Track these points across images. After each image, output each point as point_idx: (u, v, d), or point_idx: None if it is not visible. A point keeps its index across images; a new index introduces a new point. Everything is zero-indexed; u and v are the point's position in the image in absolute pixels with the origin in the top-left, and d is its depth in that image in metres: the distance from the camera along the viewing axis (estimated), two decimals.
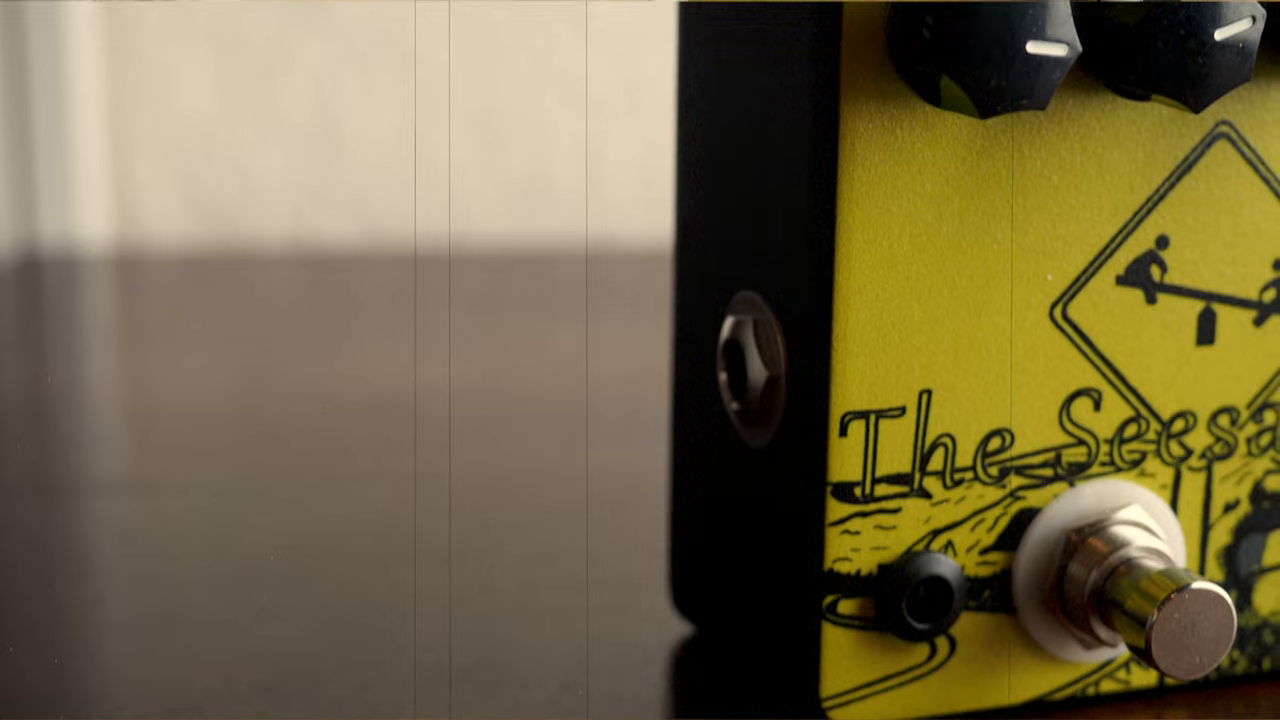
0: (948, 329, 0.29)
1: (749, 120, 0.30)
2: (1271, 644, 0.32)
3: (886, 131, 0.28)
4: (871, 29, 0.28)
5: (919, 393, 0.29)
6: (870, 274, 0.29)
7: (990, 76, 0.27)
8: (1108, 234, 0.30)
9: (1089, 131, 0.29)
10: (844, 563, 0.30)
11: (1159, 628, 0.29)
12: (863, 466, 0.29)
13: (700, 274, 0.32)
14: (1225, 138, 0.30)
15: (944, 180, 0.29)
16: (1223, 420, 0.31)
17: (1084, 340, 0.30)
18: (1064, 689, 0.31)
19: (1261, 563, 0.32)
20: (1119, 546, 0.30)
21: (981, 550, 0.30)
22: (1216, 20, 0.27)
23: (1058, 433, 0.30)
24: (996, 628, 0.31)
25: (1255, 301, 0.31)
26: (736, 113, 0.31)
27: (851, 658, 0.30)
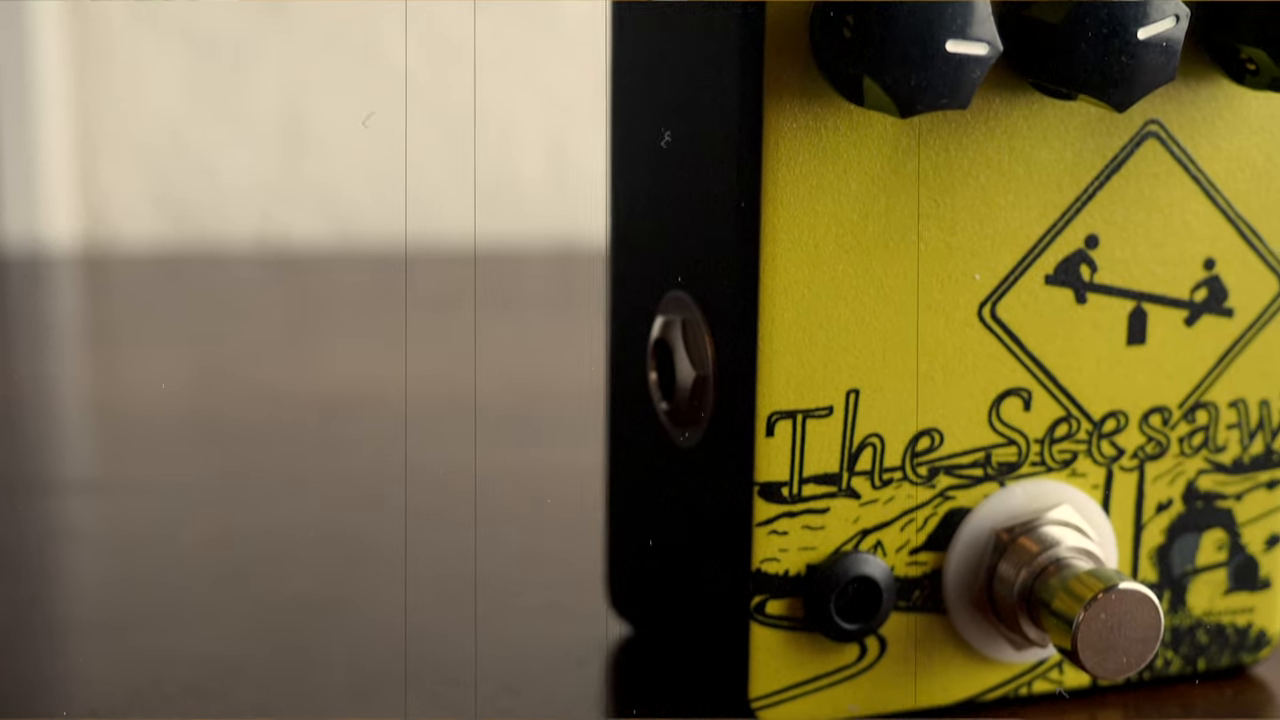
0: (875, 329, 0.29)
1: (677, 119, 0.30)
2: (1206, 644, 0.32)
3: (811, 131, 0.28)
4: (795, 28, 0.28)
5: (846, 392, 0.29)
6: (796, 274, 0.29)
7: (910, 76, 0.26)
8: (1036, 233, 0.30)
9: (1016, 130, 0.29)
10: (772, 563, 0.29)
11: (1085, 628, 0.29)
12: (790, 466, 0.29)
13: (633, 273, 0.32)
14: (1155, 137, 0.30)
15: (870, 179, 0.29)
16: (1154, 420, 0.31)
17: (1013, 340, 0.30)
18: (996, 689, 0.31)
19: (1195, 563, 0.32)
20: (1049, 546, 0.30)
21: (911, 550, 0.30)
22: (1140, 19, 0.27)
23: (987, 432, 0.30)
24: (927, 628, 0.31)
25: (1186, 301, 0.31)
26: (665, 111, 0.30)
27: (780, 658, 0.30)
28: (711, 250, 0.29)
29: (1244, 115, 0.30)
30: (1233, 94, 0.30)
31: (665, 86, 0.30)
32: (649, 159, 0.31)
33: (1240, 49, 0.29)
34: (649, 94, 0.31)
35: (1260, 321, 0.31)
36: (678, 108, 0.30)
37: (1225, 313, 0.31)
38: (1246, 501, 0.32)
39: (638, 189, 0.32)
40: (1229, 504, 0.32)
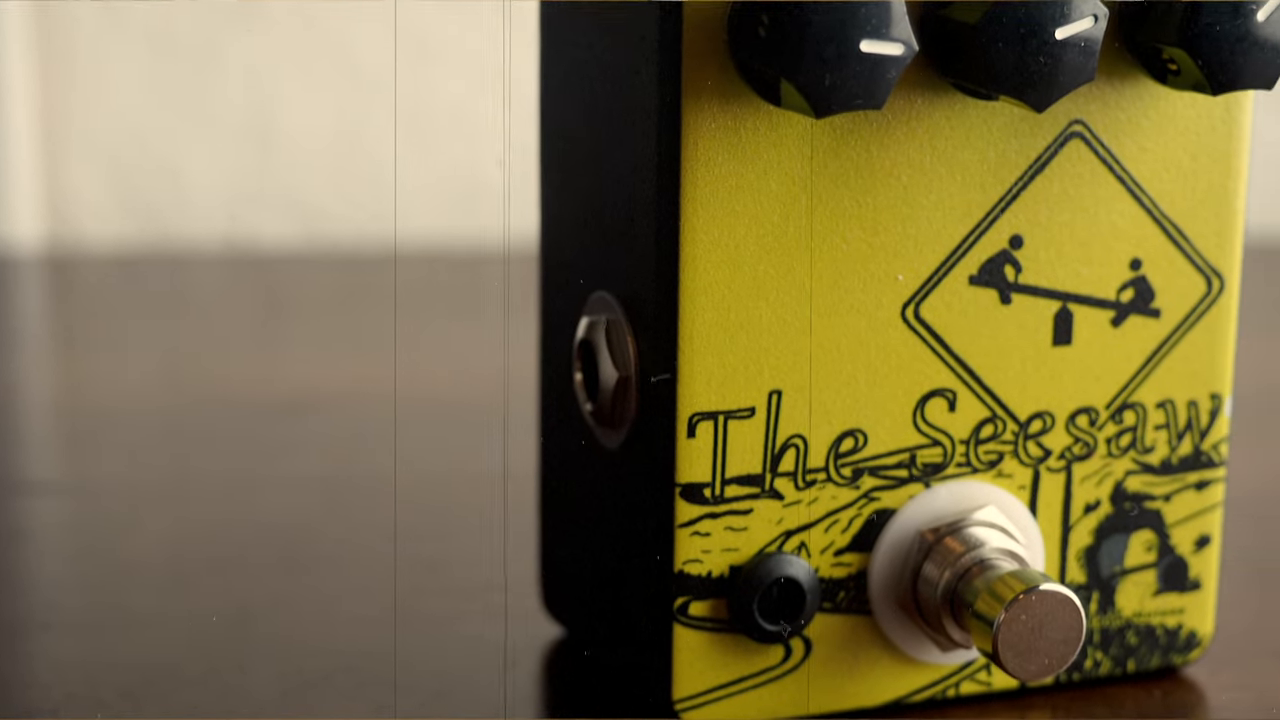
0: (797, 330, 0.29)
1: (600, 119, 0.30)
2: (1136, 645, 0.32)
3: (730, 131, 0.28)
4: (713, 28, 0.28)
5: (769, 393, 0.29)
6: (716, 274, 0.29)
7: (824, 76, 0.26)
8: (960, 234, 0.30)
9: (939, 131, 0.29)
10: (695, 564, 0.29)
11: (1006, 629, 0.29)
12: (712, 468, 0.29)
13: (562, 274, 0.32)
14: (1079, 137, 0.30)
15: (790, 180, 0.29)
16: (1081, 421, 0.31)
17: (937, 340, 0.30)
18: (923, 691, 0.31)
19: (1124, 564, 0.32)
20: (973, 547, 0.30)
21: (836, 552, 0.30)
22: (1057, 19, 0.27)
23: (912, 433, 0.30)
24: (852, 629, 0.31)
25: (1113, 302, 0.31)
26: (589, 111, 0.30)
27: (704, 660, 0.30)
28: (633, 251, 0.29)
29: (1169, 115, 0.30)
30: (1158, 94, 0.30)
31: (590, 86, 0.30)
32: (576, 159, 0.31)
33: (1162, 49, 0.29)
34: (576, 94, 0.31)
35: (1188, 322, 0.31)
36: (602, 107, 0.30)
37: (1152, 313, 0.31)
38: (1175, 502, 0.32)
39: (565, 189, 0.32)
40: (1158, 505, 0.32)
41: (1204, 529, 0.32)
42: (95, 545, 0.39)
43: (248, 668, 0.33)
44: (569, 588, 0.33)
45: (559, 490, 0.33)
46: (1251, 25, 0.28)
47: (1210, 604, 0.32)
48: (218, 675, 0.32)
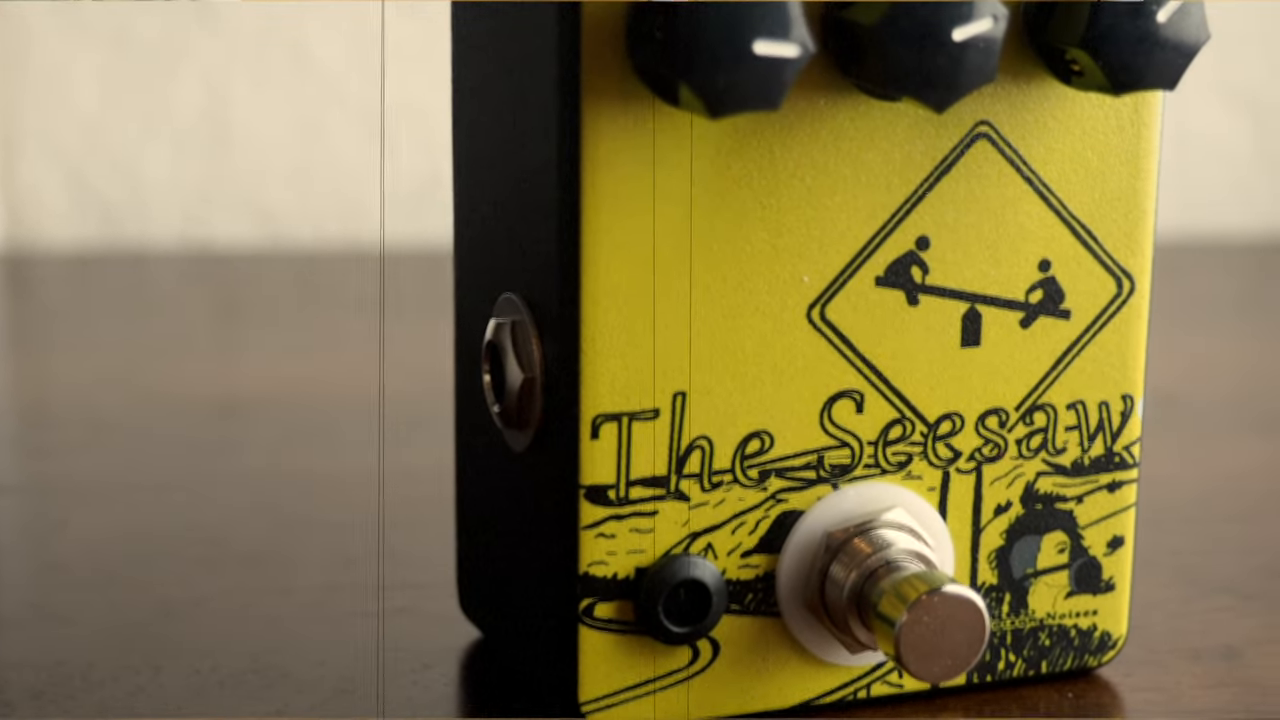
0: (701, 331, 0.29)
1: (506, 120, 0.30)
2: (1049, 647, 0.32)
3: (631, 132, 0.28)
4: (611, 29, 0.28)
5: (673, 395, 0.29)
6: (619, 276, 0.28)
7: (718, 77, 0.26)
8: (865, 235, 0.30)
9: (843, 132, 0.29)
10: (600, 566, 0.29)
11: (908, 630, 0.29)
12: (616, 469, 0.29)
13: (473, 275, 0.32)
14: (985, 138, 0.30)
15: (693, 181, 0.28)
16: (991, 422, 0.31)
17: (844, 342, 0.30)
18: (834, 692, 0.31)
19: (1036, 565, 0.32)
20: (880, 549, 0.30)
21: (743, 553, 0.30)
22: (956, 20, 0.27)
23: (819, 435, 0.30)
24: (761, 631, 0.30)
25: (1021, 303, 0.31)
26: (497, 112, 0.30)
27: (610, 662, 0.30)
28: (537, 252, 0.29)
29: (1076, 116, 0.30)
30: (1064, 94, 0.30)
31: (496, 87, 0.30)
32: (485, 160, 0.31)
33: (1065, 50, 0.29)
34: (484, 94, 0.31)
35: (1098, 323, 0.31)
36: (507, 108, 0.30)
37: (1062, 314, 0.31)
38: (1088, 504, 0.32)
39: (475, 190, 0.32)
40: (1069, 506, 0.32)
41: (1117, 530, 0.32)
42: (16, 545, 0.39)
43: (162, 667, 0.33)
44: (483, 589, 0.33)
45: (473, 491, 0.33)
46: (1152, 26, 0.28)
47: (1124, 605, 0.32)
48: (131, 674, 0.32)
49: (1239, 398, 0.51)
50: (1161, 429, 0.48)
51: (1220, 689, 0.32)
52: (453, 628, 0.34)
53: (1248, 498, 0.42)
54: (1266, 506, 0.42)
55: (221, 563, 0.38)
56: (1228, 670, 0.33)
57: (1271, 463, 0.45)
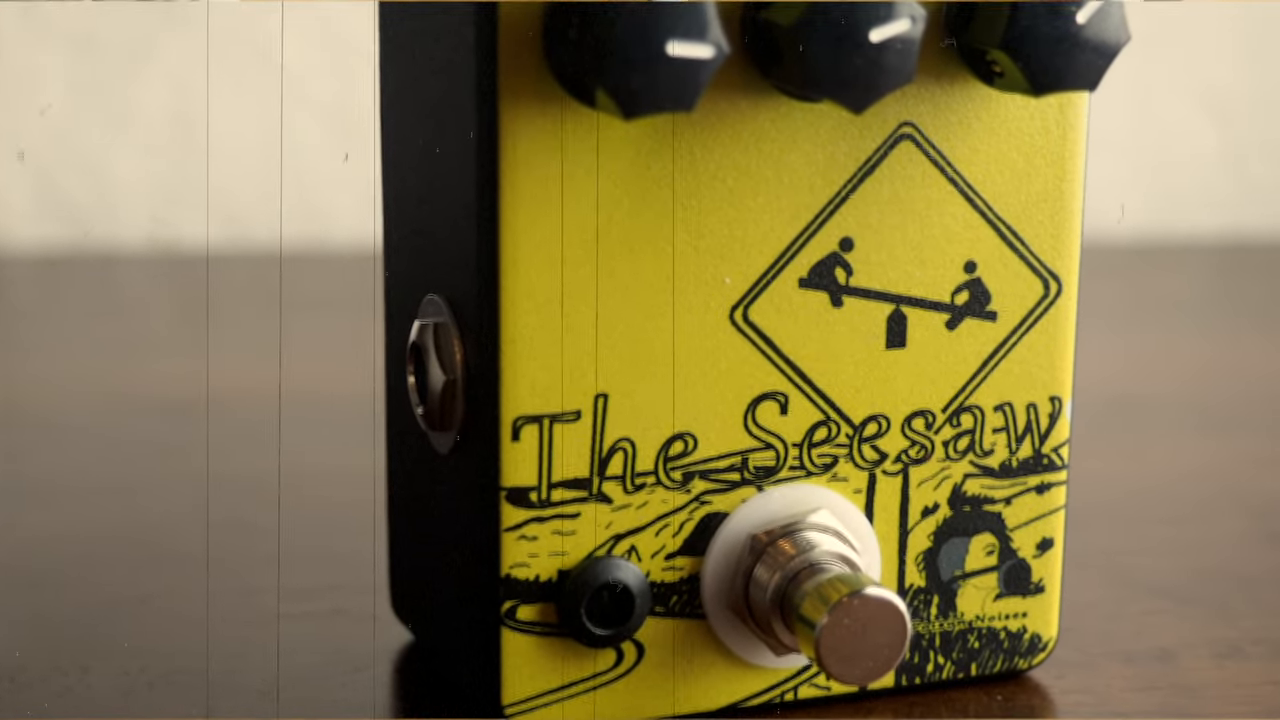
0: (623, 333, 0.29)
1: (430, 121, 0.30)
2: (978, 649, 0.32)
3: (549, 134, 0.28)
4: (529, 30, 0.27)
5: (595, 397, 0.29)
6: (538, 278, 0.28)
7: (631, 78, 0.26)
8: (788, 237, 0.29)
9: (764, 133, 0.29)
10: (522, 568, 0.29)
11: (828, 633, 0.28)
12: (538, 471, 0.29)
13: (400, 275, 0.32)
14: (909, 139, 0.30)
15: (612, 182, 0.28)
16: (917, 424, 0.31)
17: (767, 343, 0.30)
18: (760, 695, 0.31)
19: (964, 567, 0.32)
20: (803, 551, 0.30)
21: (667, 555, 0.30)
22: (873, 21, 0.27)
23: (743, 436, 0.30)
24: (686, 633, 0.30)
25: (947, 304, 0.31)
26: (420, 113, 0.30)
27: (533, 664, 0.30)
28: (458, 254, 0.29)
29: (1001, 117, 0.30)
30: (988, 95, 0.30)
31: (419, 87, 0.30)
32: (410, 161, 0.31)
33: (986, 51, 0.29)
34: (408, 95, 0.31)
35: (1025, 324, 0.31)
36: (430, 109, 0.30)
37: (988, 316, 0.31)
38: (1016, 506, 0.32)
39: (402, 191, 0.32)
40: (998, 508, 0.32)
41: (1046, 532, 0.32)
42: None
43: (90, 668, 0.33)
44: (412, 591, 0.33)
45: (402, 493, 0.33)
46: (1072, 27, 0.28)
47: (1054, 607, 0.32)
48: (59, 675, 0.32)
49: (1188, 398, 0.51)
50: (1110, 429, 0.48)
51: (1151, 691, 0.32)
52: (386, 630, 0.34)
53: (1189, 499, 0.42)
54: (1207, 508, 0.42)
55: (159, 564, 0.38)
56: (1160, 673, 0.33)
57: (1214, 464, 0.45)
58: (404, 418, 0.32)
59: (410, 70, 0.31)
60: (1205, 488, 0.43)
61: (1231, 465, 0.45)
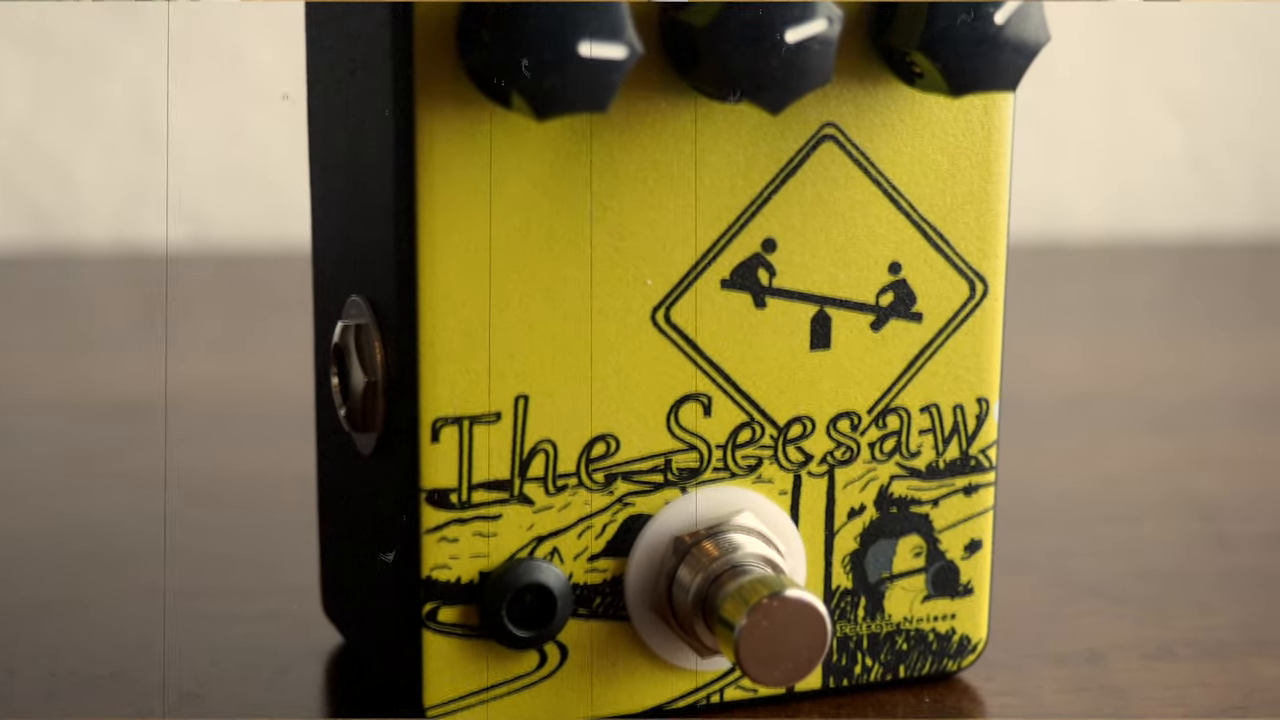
0: (543, 334, 0.29)
1: (352, 122, 0.30)
2: (906, 651, 0.32)
3: (466, 135, 0.28)
4: (445, 31, 0.27)
5: (515, 398, 0.29)
6: (456, 279, 0.28)
7: (544, 79, 0.26)
8: (710, 238, 0.29)
9: (685, 134, 0.29)
10: (443, 570, 0.29)
11: (747, 634, 0.28)
12: (458, 473, 0.29)
13: (327, 277, 0.32)
14: (831, 140, 0.30)
15: (531, 184, 0.28)
16: (843, 425, 0.31)
17: (690, 345, 0.30)
18: (686, 697, 0.31)
19: (892, 569, 0.32)
20: (726, 552, 0.30)
21: (590, 557, 0.30)
22: (789, 21, 0.27)
23: (666, 438, 0.30)
24: (609, 635, 0.30)
25: (872, 305, 0.30)
26: (343, 114, 0.30)
27: (455, 666, 0.30)
28: (379, 255, 0.29)
29: (925, 118, 0.30)
30: (911, 97, 0.30)
31: (342, 88, 0.30)
32: (334, 162, 0.31)
33: (906, 53, 0.29)
34: (332, 96, 0.31)
35: (951, 326, 0.31)
36: (352, 110, 0.30)
37: (914, 317, 0.31)
38: (943, 507, 0.32)
39: (328, 192, 0.31)
40: (925, 509, 0.31)
41: (974, 533, 0.32)
42: None
43: (16, 670, 0.32)
44: (340, 592, 0.33)
45: (330, 494, 0.33)
46: (989, 27, 0.28)
47: (983, 609, 0.32)
48: None
49: (1145, 398, 0.51)
50: (1063, 430, 0.48)
51: (1080, 693, 0.32)
52: (319, 631, 0.34)
53: (1138, 500, 0.42)
54: (1156, 509, 0.42)
55: (94, 564, 0.38)
56: (1090, 674, 0.33)
57: (1159, 464, 0.45)
58: (331, 419, 0.32)
59: (334, 71, 0.30)
60: (1155, 488, 0.43)
61: (1183, 466, 0.45)
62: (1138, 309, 0.63)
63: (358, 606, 0.32)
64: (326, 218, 0.32)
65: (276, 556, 0.38)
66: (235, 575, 0.37)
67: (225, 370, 0.55)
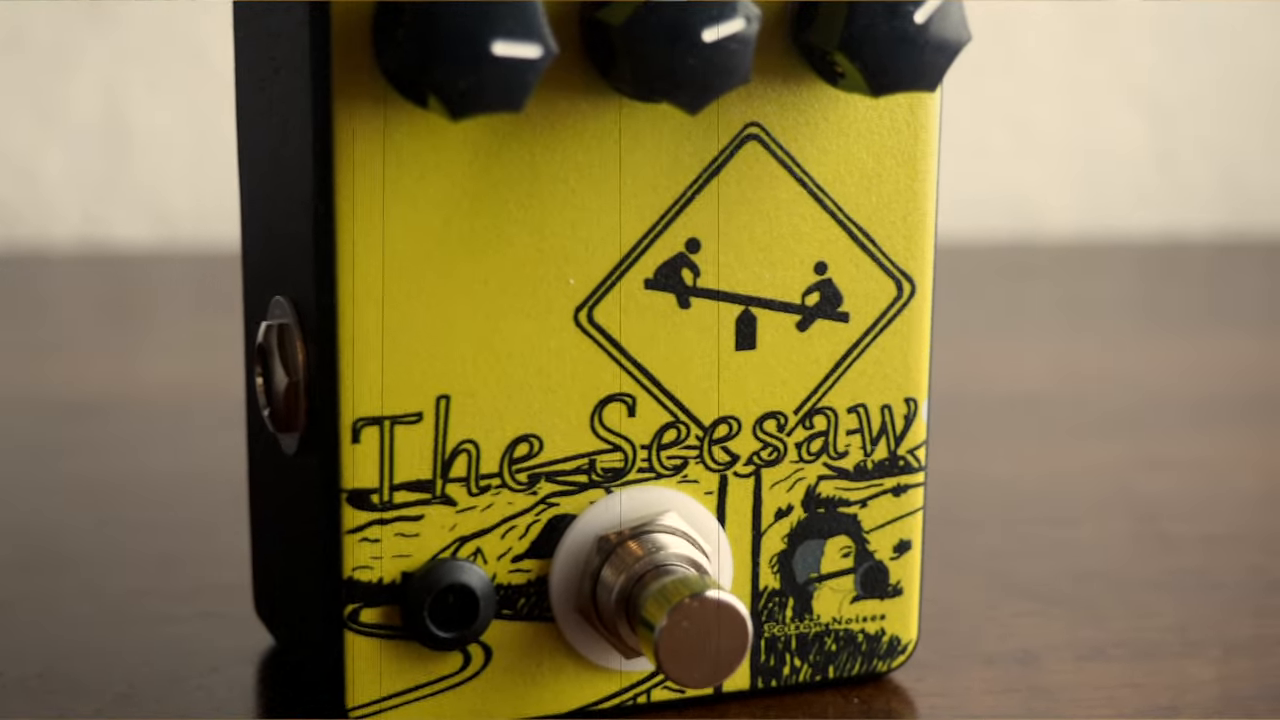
0: (465, 334, 0.29)
1: (275, 121, 0.30)
2: (835, 652, 0.32)
3: (385, 135, 0.28)
4: (363, 30, 0.27)
5: (436, 398, 0.29)
6: (376, 279, 0.28)
7: (457, 79, 0.26)
8: (633, 238, 0.29)
9: (607, 134, 0.29)
10: (364, 571, 0.29)
11: (667, 635, 0.28)
12: (379, 473, 0.29)
13: (254, 277, 0.32)
14: (756, 139, 0.30)
15: (452, 184, 0.28)
16: (769, 426, 0.31)
17: (613, 345, 0.30)
18: (613, 698, 0.31)
19: (820, 569, 0.31)
20: (651, 552, 0.30)
21: (514, 558, 0.30)
22: (706, 21, 0.27)
23: (590, 439, 0.30)
24: (534, 636, 0.30)
25: (798, 305, 0.30)
26: (267, 113, 0.30)
27: (378, 667, 0.29)
28: (300, 255, 0.29)
29: (850, 117, 0.30)
30: (836, 96, 0.30)
31: (265, 87, 0.30)
32: (260, 163, 0.31)
33: (828, 53, 0.28)
34: (257, 95, 0.31)
35: (878, 326, 0.31)
36: (275, 109, 0.30)
37: (840, 317, 0.31)
38: (872, 508, 0.32)
39: (255, 191, 0.31)
40: (853, 510, 0.31)
41: (903, 534, 0.32)
42: None
43: None
44: (270, 593, 0.33)
45: (259, 495, 0.33)
46: (909, 27, 0.28)
47: (913, 610, 0.32)
48: None
49: (1092, 399, 0.51)
50: (1010, 430, 0.47)
51: (1009, 694, 0.32)
52: (253, 632, 0.34)
53: (1080, 501, 0.42)
54: (1097, 510, 0.42)
55: (33, 567, 0.38)
56: (1021, 675, 0.33)
57: (1105, 465, 0.45)
58: (257, 419, 0.32)
59: (259, 70, 0.30)
60: (1099, 490, 0.43)
61: (1129, 467, 0.45)
62: (1101, 309, 0.63)
63: (285, 607, 0.32)
64: (253, 217, 0.32)
65: (215, 557, 0.38)
66: (173, 576, 0.37)
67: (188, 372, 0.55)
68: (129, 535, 0.39)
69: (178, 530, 0.40)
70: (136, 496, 0.42)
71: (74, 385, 0.52)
